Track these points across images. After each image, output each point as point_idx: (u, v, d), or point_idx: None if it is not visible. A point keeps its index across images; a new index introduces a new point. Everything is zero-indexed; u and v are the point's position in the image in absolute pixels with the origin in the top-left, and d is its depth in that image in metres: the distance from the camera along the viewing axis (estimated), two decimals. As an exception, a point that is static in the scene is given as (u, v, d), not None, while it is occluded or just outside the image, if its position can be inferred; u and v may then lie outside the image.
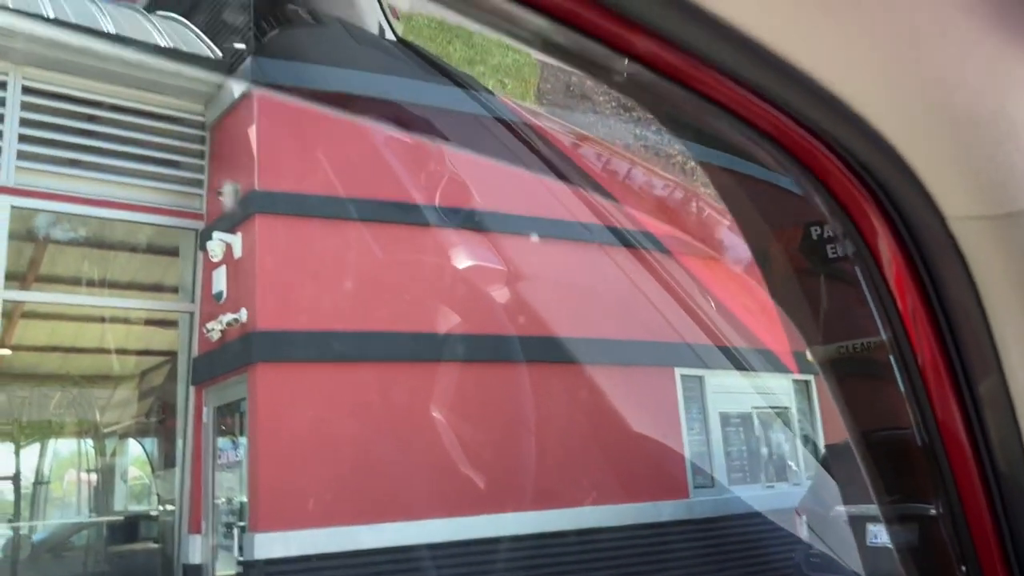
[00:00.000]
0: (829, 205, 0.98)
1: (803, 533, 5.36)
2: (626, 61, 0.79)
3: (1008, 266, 0.91)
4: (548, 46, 0.83)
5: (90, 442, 6.03)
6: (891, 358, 1.12)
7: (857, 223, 0.97)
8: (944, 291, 0.97)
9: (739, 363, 5.92)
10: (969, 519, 1.04)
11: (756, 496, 6.91)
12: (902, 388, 1.15)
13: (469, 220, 5.15)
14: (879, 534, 1.31)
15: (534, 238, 5.45)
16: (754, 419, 7.04)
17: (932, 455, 1.06)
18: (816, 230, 1.19)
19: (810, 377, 6.79)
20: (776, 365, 5.95)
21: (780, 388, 7.21)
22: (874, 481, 1.18)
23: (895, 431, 1.16)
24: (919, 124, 0.84)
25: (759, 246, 1.37)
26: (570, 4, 0.73)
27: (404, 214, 5.44)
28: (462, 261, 5.32)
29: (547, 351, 5.58)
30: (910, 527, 1.18)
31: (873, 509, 1.34)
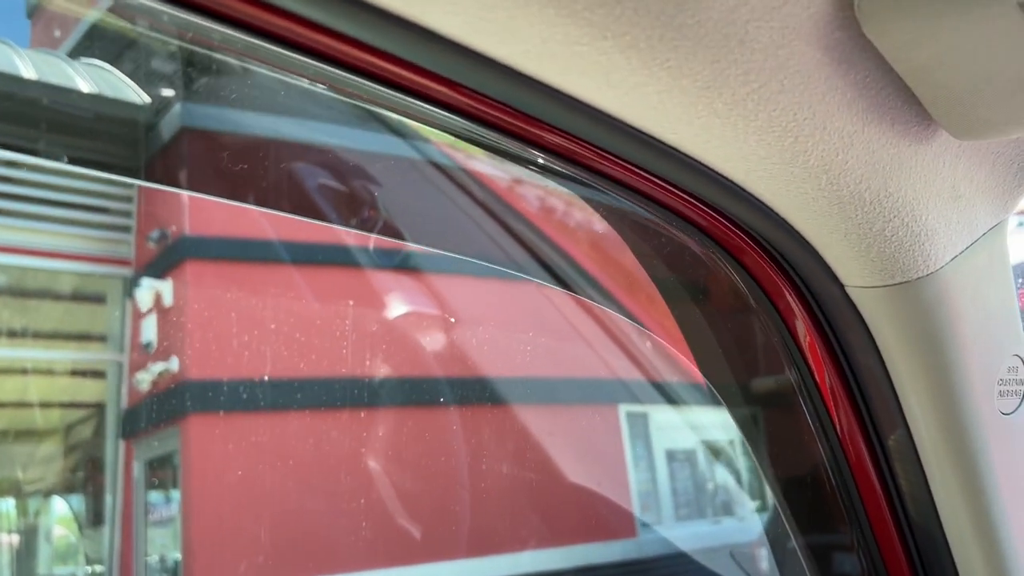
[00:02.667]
0: (747, 284, 1.03)
1: (763, 567, 5.32)
2: (539, 158, 0.84)
3: (900, 331, 0.99)
4: (464, 139, 0.90)
5: (11, 501, 5.78)
6: (812, 427, 1.12)
7: (773, 300, 1.03)
8: (853, 357, 1.07)
9: (683, 398, 5.91)
10: (884, 553, 1.15)
11: (705, 532, 6.88)
12: (822, 451, 1.16)
13: (403, 262, 5.09)
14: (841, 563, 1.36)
15: (469, 277, 5.41)
16: (700, 454, 7.03)
17: (848, 498, 1.18)
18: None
19: (756, 409, 6.83)
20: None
21: (725, 422, 7.21)
22: (793, 515, 1.33)
23: (812, 476, 1.27)
24: (811, 205, 0.88)
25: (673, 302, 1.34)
26: (480, 106, 0.79)
27: (338, 256, 5.36)
28: (396, 304, 5.25)
29: (489, 393, 5.51)
30: (828, 557, 1.30)
31: (828, 539, 1.38)
